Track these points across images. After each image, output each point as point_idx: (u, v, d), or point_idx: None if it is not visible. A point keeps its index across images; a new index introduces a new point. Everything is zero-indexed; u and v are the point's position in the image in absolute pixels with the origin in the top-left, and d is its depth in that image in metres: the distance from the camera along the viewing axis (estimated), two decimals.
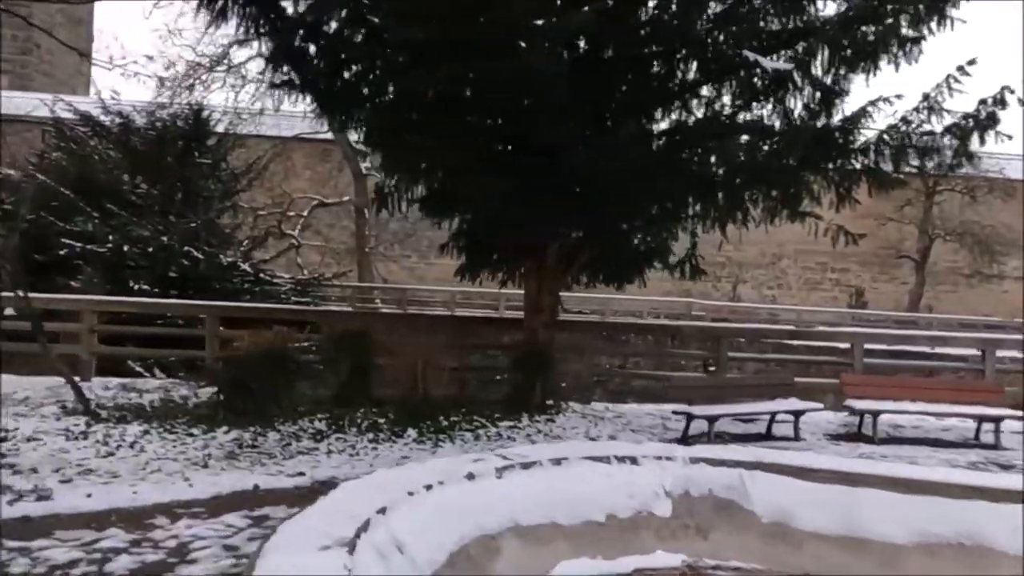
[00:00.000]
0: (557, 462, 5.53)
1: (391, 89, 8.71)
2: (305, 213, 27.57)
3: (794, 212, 10.12)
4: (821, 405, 9.97)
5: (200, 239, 22.17)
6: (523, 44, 7.73)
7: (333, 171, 32.50)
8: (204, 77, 26.84)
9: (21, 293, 8.50)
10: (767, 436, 9.63)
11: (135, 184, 21.57)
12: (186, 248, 21.63)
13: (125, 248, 21.51)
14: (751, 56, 8.01)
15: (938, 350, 13.96)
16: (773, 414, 9.68)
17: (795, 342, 13.98)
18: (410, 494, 4.59)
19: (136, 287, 20.61)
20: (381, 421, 8.48)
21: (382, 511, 4.19)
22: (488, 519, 4.86)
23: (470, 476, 5.07)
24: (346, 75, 8.72)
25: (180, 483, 6.29)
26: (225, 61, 27.64)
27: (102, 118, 22.62)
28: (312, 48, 8.53)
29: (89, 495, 5.87)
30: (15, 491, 5.87)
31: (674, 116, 9.37)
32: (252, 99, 29.97)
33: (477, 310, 28.48)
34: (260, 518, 5.67)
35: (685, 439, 9.21)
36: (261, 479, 6.60)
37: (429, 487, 4.74)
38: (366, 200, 29.65)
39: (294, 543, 3.58)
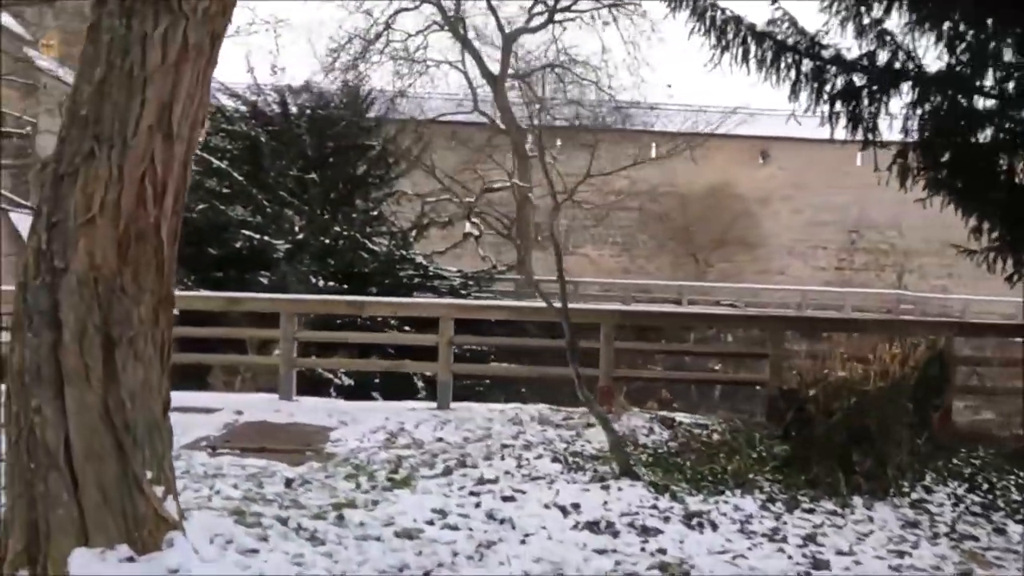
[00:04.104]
0: None
1: None
2: (473, 199, 25.03)
3: None
4: None
5: (363, 230, 20.02)
6: None
7: (471, 155, 29.98)
8: (365, 53, 24.46)
9: (559, 304, 6.01)
10: None
11: (301, 171, 19.49)
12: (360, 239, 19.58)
13: (312, 241, 19.38)
14: None
15: None
16: None
17: None
18: None
19: (320, 283, 18.41)
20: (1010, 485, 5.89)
21: None
22: None
23: None
24: None
25: None
26: (384, 36, 25.29)
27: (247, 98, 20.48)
28: None
29: None
30: None
31: None
32: (396, 78, 27.71)
33: (653, 304, 25.94)
34: None
35: None
36: None
37: None
38: (530, 185, 27.14)
39: None
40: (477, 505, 5.07)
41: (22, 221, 22.81)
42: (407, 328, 14.54)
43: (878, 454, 5.54)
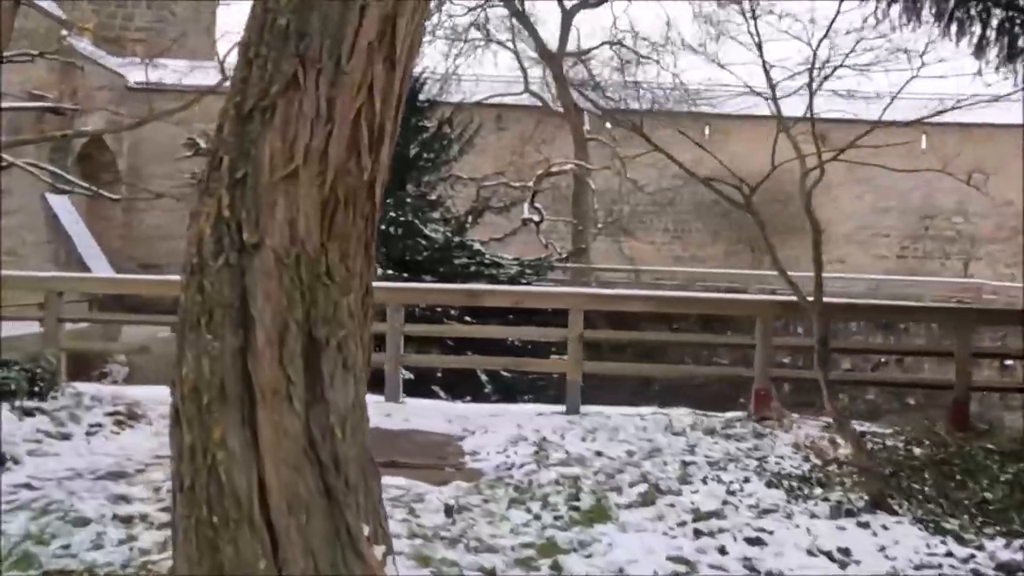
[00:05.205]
0: None
1: None
2: (531, 183, 23.79)
3: None
4: None
5: (417, 215, 18.98)
6: None
7: (515, 139, 28.73)
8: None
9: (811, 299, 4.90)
10: None
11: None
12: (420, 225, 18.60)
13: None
14: None
15: None
16: None
17: None
18: None
19: (378, 271, 17.41)
20: None
21: None
22: None
23: None
24: None
25: None
26: (437, 14, 24.06)
27: None
28: None
29: None
30: None
31: None
32: (447, 59, 26.53)
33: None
34: None
35: None
36: None
37: None
38: (591, 167, 25.83)
39: None
40: (722, 551, 3.97)
41: (61, 205, 21.89)
42: (468, 319, 13.55)
43: None
